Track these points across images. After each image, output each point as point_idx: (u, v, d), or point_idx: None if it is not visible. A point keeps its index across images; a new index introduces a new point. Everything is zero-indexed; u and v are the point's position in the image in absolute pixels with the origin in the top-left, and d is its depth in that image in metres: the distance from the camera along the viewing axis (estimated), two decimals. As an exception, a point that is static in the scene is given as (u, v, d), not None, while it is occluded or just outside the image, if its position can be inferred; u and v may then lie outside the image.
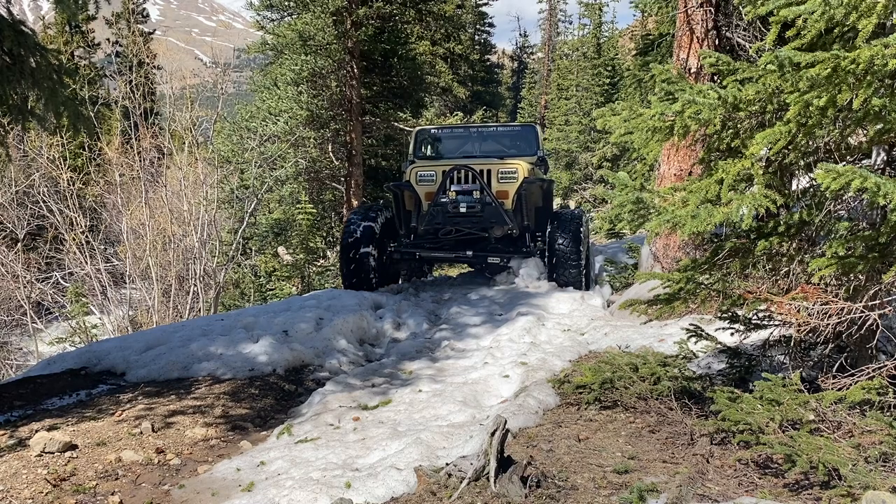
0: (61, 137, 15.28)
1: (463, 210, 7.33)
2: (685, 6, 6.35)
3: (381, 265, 7.81)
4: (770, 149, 2.99)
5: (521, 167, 7.49)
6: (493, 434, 2.75)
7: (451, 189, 7.41)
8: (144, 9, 31.15)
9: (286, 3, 14.88)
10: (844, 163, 3.15)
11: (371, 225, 7.70)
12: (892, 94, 2.75)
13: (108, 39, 28.78)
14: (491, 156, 8.48)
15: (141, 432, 3.85)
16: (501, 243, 7.75)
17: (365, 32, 14.40)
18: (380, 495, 2.89)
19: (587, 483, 2.85)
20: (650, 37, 12.92)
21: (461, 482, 2.75)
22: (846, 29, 2.87)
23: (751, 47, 5.00)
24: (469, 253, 7.64)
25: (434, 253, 7.86)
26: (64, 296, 15.77)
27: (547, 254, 7.54)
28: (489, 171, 7.53)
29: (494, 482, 2.69)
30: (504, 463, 2.77)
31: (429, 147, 9.19)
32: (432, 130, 9.37)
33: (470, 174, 7.56)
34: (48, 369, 5.46)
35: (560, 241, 7.49)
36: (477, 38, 32.23)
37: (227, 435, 4.01)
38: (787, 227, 3.24)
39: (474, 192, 7.32)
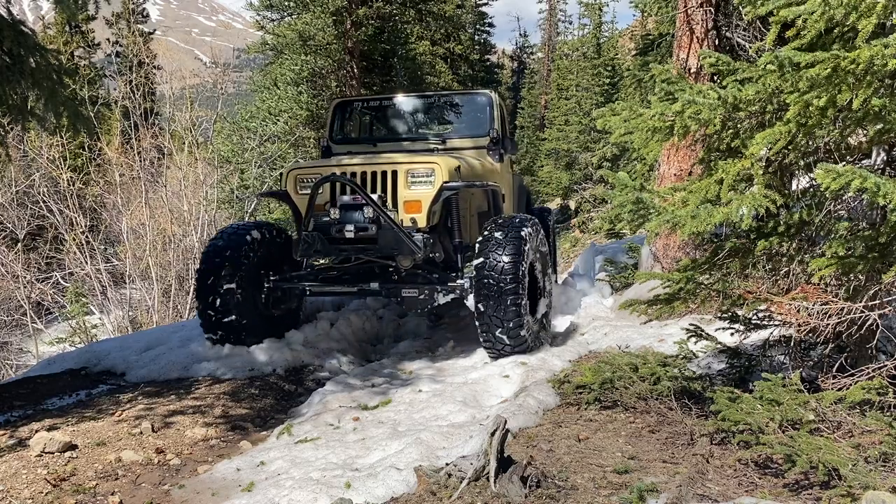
0: (61, 137, 15.30)
1: (350, 234, 5.00)
2: (685, 6, 6.35)
3: (259, 305, 5.53)
4: (770, 149, 2.99)
5: (439, 166, 5.10)
6: (493, 434, 2.75)
7: (339, 202, 5.15)
8: (144, 9, 31.16)
9: (286, 3, 14.89)
10: (844, 163, 3.15)
11: (236, 252, 5.33)
12: (892, 94, 2.75)
13: (108, 39, 28.78)
14: (428, 138, 6.52)
15: (141, 432, 3.85)
16: (423, 269, 5.41)
17: (365, 32, 14.41)
18: (380, 495, 2.89)
19: (587, 483, 2.85)
20: (650, 37, 12.93)
21: (461, 482, 2.75)
22: (846, 29, 2.87)
23: (751, 47, 5.00)
24: (375, 285, 5.35)
25: (328, 287, 5.62)
26: (64, 296, 15.78)
27: (473, 295, 5.05)
28: (395, 173, 5.15)
29: (494, 482, 2.69)
30: (504, 463, 2.77)
31: (351, 126, 7.07)
32: (355, 103, 7.11)
33: (370, 180, 5.20)
34: (48, 369, 5.46)
35: (487, 274, 4.89)
36: (477, 38, 32.24)
37: (227, 435, 4.01)
38: (787, 227, 3.24)
39: (366, 208, 5.02)
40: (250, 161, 15.43)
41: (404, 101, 6.98)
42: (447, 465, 2.93)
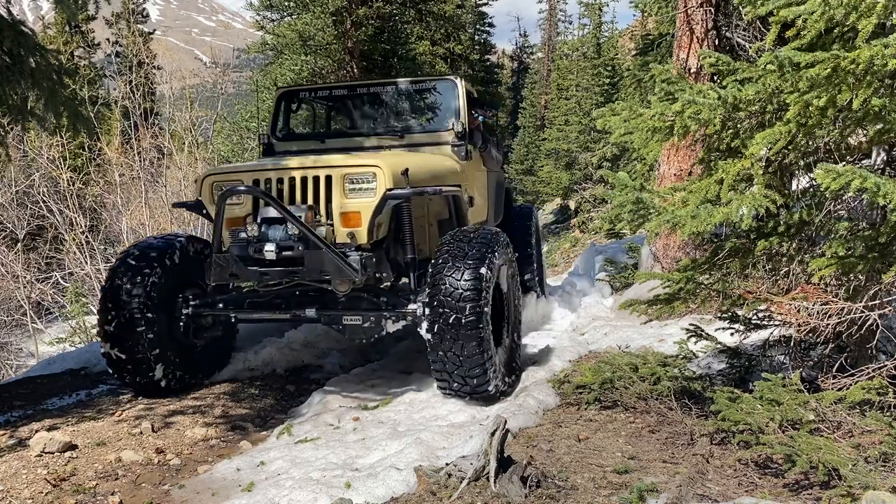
0: (61, 137, 15.30)
1: (271, 255, 4.10)
2: (685, 6, 6.36)
3: (178, 337, 4.67)
4: (770, 149, 2.99)
5: (380, 169, 4.22)
6: (493, 434, 2.75)
7: (260, 215, 4.27)
8: (144, 9, 31.19)
9: (286, 3, 14.87)
10: (844, 163, 3.15)
11: (148, 278, 4.45)
12: (892, 94, 2.75)
13: (108, 39, 28.81)
14: (385, 133, 5.72)
15: (141, 432, 3.86)
16: (370, 291, 4.58)
17: (365, 32, 14.39)
18: (380, 495, 2.89)
19: (587, 483, 2.85)
20: (650, 37, 12.93)
21: (461, 482, 2.75)
22: (846, 29, 2.87)
23: (751, 47, 5.00)
24: (311, 312, 4.45)
25: (257, 313, 4.71)
26: (64, 296, 15.77)
27: (426, 323, 4.16)
28: (329, 179, 4.27)
29: (494, 482, 2.70)
30: (504, 463, 2.78)
31: (299, 120, 6.31)
32: (303, 93, 6.15)
33: (300, 188, 4.32)
34: (48, 369, 5.47)
35: (442, 300, 4.04)
36: (477, 38, 32.20)
37: (227, 435, 4.01)
38: (787, 227, 3.24)
39: (290, 224, 4.14)
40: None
41: (358, 91, 6.15)
42: (447, 465, 2.93)
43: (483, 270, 4.09)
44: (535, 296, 7.26)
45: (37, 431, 3.73)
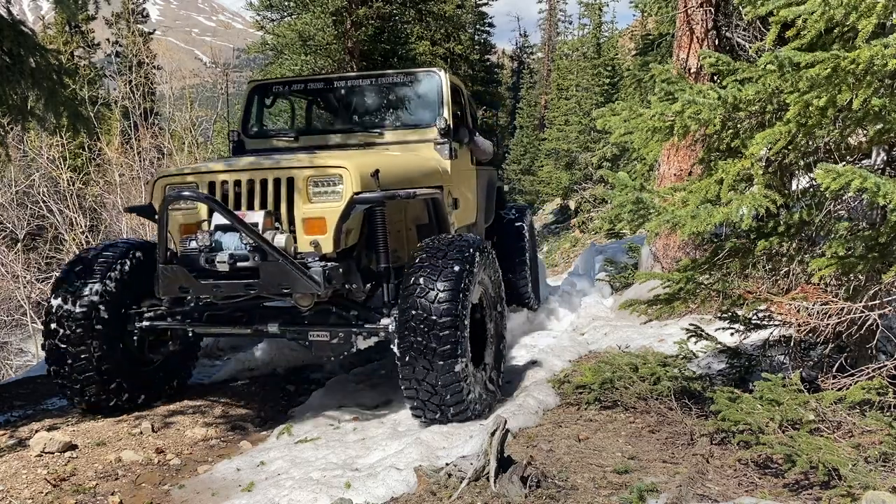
0: (61, 137, 15.29)
1: (223, 267, 3.67)
2: (685, 6, 6.36)
3: (132, 352, 4.24)
4: (770, 149, 3.00)
5: (347, 171, 3.79)
6: (493, 434, 2.75)
7: (213, 222, 3.84)
8: (144, 9, 31.18)
9: (286, 3, 14.88)
10: (844, 163, 3.15)
11: (94, 290, 4.04)
12: (892, 94, 2.76)
13: (108, 39, 28.79)
14: (363, 129, 5.34)
15: (141, 432, 3.86)
16: (337, 304, 4.09)
17: (365, 32, 14.40)
18: (380, 495, 2.89)
19: (587, 483, 2.85)
20: (650, 37, 12.94)
21: (461, 482, 2.75)
22: (846, 29, 2.88)
23: (751, 47, 5.00)
24: (274, 327, 4.06)
25: (216, 328, 4.33)
26: (64, 296, 15.75)
27: (396, 338, 3.76)
28: (290, 181, 3.84)
29: (494, 482, 2.70)
30: (504, 463, 2.78)
31: (272, 116, 5.96)
32: (276, 87, 5.73)
33: (260, 192, 3.89)
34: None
35: (415, 316, 3.65)
36: (477, 38, 32.16)
37: (227, 435, 4.01)
38: (787, 227, 3.24)
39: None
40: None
41: (336, 85, 5.63)
42: (447, 465, 2.93)
43: (460, 286, 3.68)
44: (528, 307, 6.79)
45: (37, 431, 3.74)
